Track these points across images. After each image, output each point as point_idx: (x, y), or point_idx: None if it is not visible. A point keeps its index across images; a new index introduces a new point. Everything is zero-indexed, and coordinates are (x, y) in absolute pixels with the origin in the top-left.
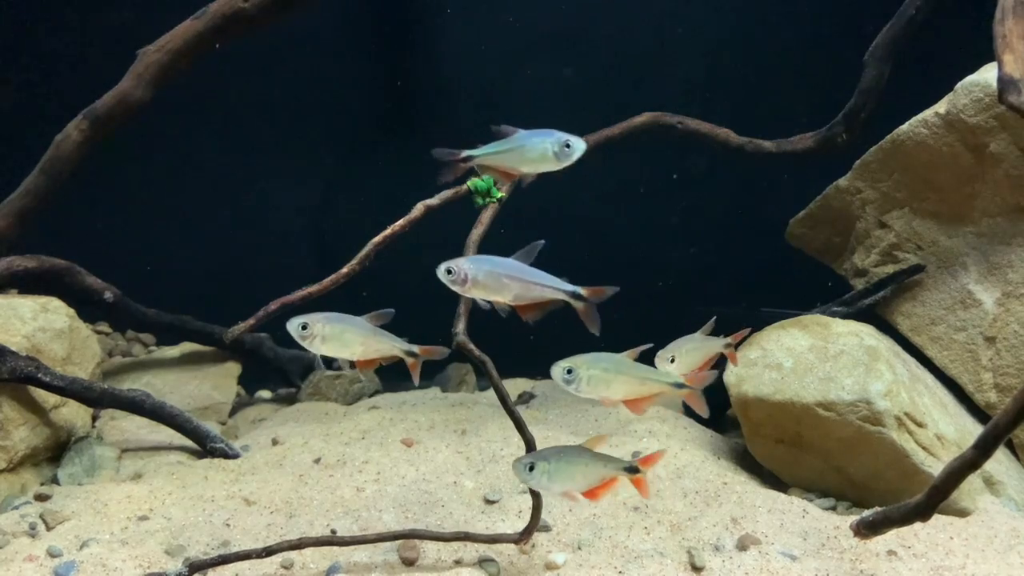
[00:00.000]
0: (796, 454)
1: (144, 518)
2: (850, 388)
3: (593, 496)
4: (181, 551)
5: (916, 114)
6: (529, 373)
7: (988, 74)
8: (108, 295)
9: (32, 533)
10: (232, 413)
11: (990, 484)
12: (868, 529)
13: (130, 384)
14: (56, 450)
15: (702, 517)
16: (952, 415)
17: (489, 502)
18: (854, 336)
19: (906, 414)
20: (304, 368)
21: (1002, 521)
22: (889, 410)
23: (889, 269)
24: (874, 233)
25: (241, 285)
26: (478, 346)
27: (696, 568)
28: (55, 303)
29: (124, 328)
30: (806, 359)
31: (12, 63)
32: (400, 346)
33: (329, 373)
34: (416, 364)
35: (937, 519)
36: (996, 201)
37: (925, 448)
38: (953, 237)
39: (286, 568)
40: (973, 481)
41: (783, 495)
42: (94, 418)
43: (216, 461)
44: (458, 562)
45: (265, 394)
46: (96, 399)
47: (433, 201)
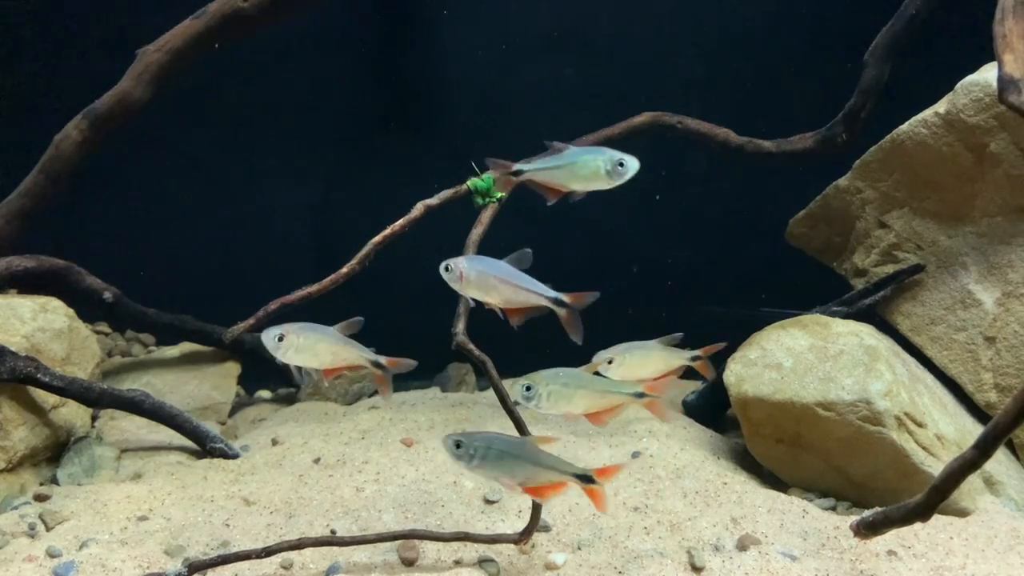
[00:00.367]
0: (796, 454)
1: (143, 518)
2: (850, 388)
3: (539, 495)
4: (180, 551)
5: (916, 114)
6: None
7: (988, 74)
8: (107, 295)
9: (31, 533)
10: (232, 413)
11: (990, 484)
12: (868, 529)
13: (130, 384)
14: (55, 450)
15: (702, 517)
16: (952, 415)
17: (489, 502)
18: (854, 336)
19: (906, 414)
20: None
21: (1002, 521)
22: (889, 410)
23: (889, 269)
24: (874, 233)
25: (241, 285)
26: (478, 346)
27: (696, 568)
28: (54, 303)
29: (123, 328)
30: (806, 359)
31: (12, 63)
32: (368, 357)
33: None
34: (383, 377)
35: (937, 519)
36: (996, 201)
37: (925, 448)
38: (953, 237)
39: (286, 568)
40: (973, 481)
41: (783, 495)
42: (93, 418)
43: (216, 461)
44: (458, 562)
45: (265, 394)
46: (95, 399)
47: (433, 201)
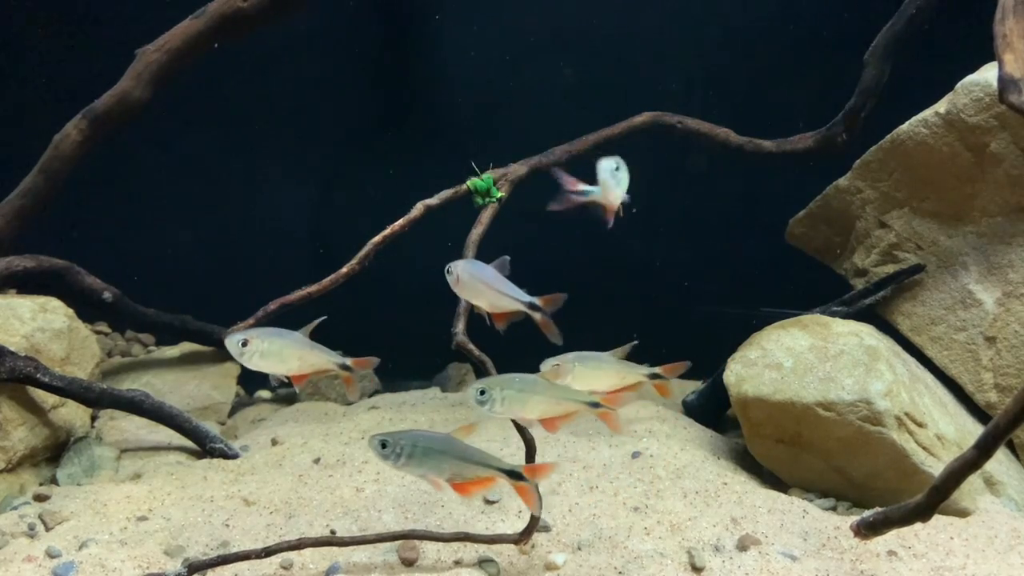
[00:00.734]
0: (796, 454)
1: (143, 518)
2: (850, 388)
3: (464, 491)
4: (180, 551)
5: (916, 114)
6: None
7: (988, 74)
8: (107, 295)
9: (31, 533)
10: (231, 413)
11: (990, 484)
12: (868, 529)
13: (129, 384)
14: (55, 450)
15: (702, 517)
16: (952, 415)
17: (489, 502)
18: (854, 336)
19: (906, 414)
20: None
21: (1002, 521)
22: (889, 410)
23: (889, 269)
24: (874, 233)
25: (241, 285)
26: (478, 346)
27: (696, 568)
28: (54, 303)
29: (123, 328)
30: (806, 359)
31: (12, 63)
32: (335, 360)
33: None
34: (351, 378)
35: (937, 519)
36: (996, 201)
37: (925, 448)
38: (953, 237)
39: (285, 568)
40: (973, 481)
41: (783, 495)
42: (93, 418)
43: (215, 461)
44: (458, 562)
45: (264, 394)
46: (95, 399)
47: (433, 201)
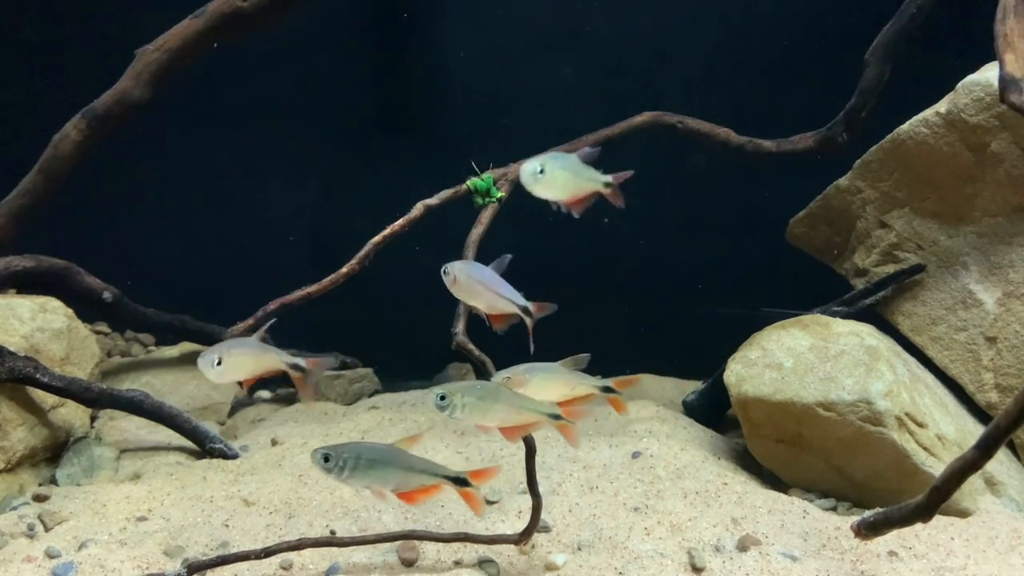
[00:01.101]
0: (796, 454)
1: (143, 519)
2: (851, 388)
3: (410, 500)
4: (180, 552)
5: (917, 113)
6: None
7: (989, 73)
8: (107, 295)
9: (30, 534)
10: (231, 413)
11: (991, 485)
12: (869, 530)
13: (129, 384)
14: (55, 450)
15: (702, 518)
16: (953, 415)
17: (489, 503)
18: (854, 336)
19: (907, 414)
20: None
21: (1003, 522)
22: (890, 410)
23: (889, 269)
24: (874, 233)
25: (241, 285)
26: (478, 346)
27: (696, 569)
28: (53, 303)
29: (123, 328)
30: (806, 359)
31: (12, 63)
32: (287, 360)
33: (329, 373)
34: (302, 378)
35: (938, 520)
36: (997, 201)
37: (926, 448)
38: (954, 237)
39: (285, 569)
40: (974, 482)
41: (783, 495)
42: (93, 418)
43: (215, 462)
44: (458, 563)
45: (264, 394)
46: (95, 399)
47: (433, 201)
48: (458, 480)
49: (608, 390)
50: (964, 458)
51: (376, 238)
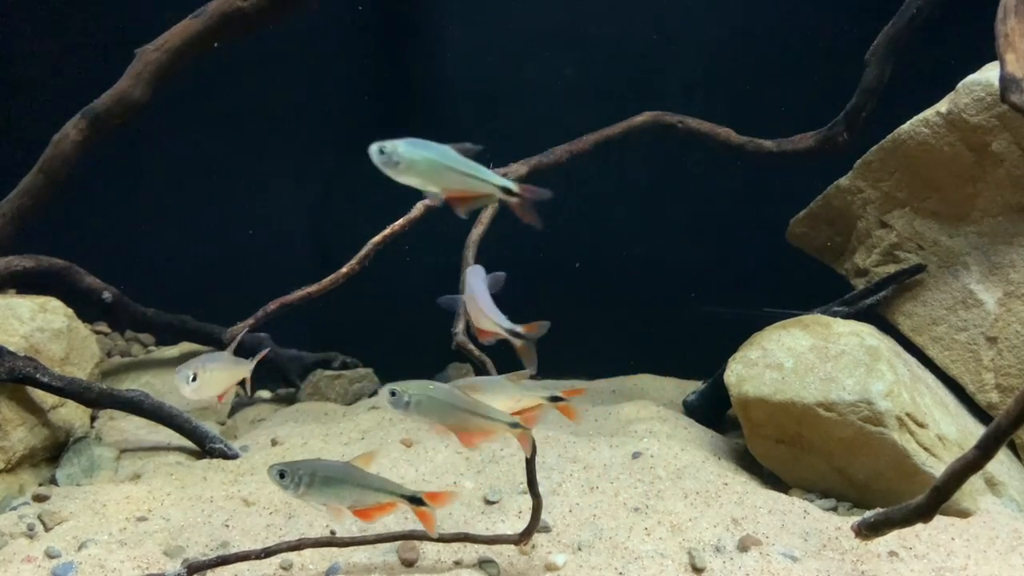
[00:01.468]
0: (797, 454)
1: (143, 519)
2: (851, 388)
3: (366, 517)
4: (180, 552)
5: (917, 113)
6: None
7: (990, 73)
8: (107, 295)
9: (30, 534)
10: (231, 413)
11: (991, 485)
12: (869, 530)
13: (129, 384)
14: (54, 451)
15: (703, 518)
16: (953, 415)
17: (489, 503)
18: (855, 336)
19: (907, 414)
20: (304, 368)
21: (1004, 522)
22: (890, 410)
23: (890, 269)
24: (875, 233)
25: (241, 285)
26: (477, 346)
27: (697, 569)
28: (53, 303)
29: (123, 328)
30: (807, 359)
31: (12, 63)
32: (247, 367)
33: (329, 373)
34: (250, 379)
35: (938, 520)
36: (997, 201)
37: (926, 449)
38: (954, 237)
39: (285, 569)
40: (974, 482)
41: (784, 496)
42: (93, 418)
43: (215, 462)
44: (458, 563)
45: (264, 394)
46: (95, 399)
47: (433, 201)
48: (413, 499)
49: (556, 399)
50: (965, 458)
51: (376, 238)
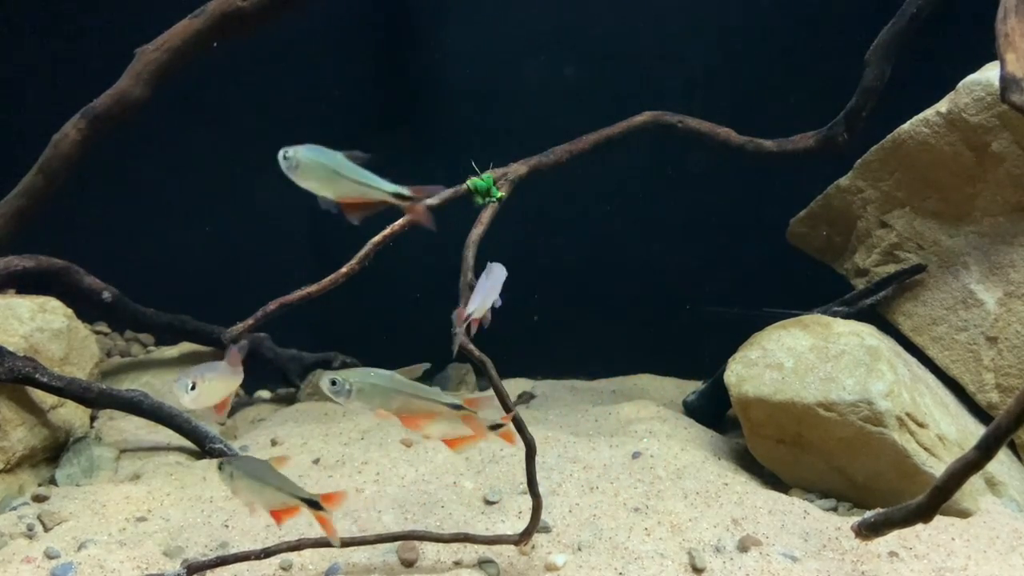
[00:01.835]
0: (797, 454)
1: (142, 519)
2: (851, 388)
3: (278, 518)
4: (179, 552)
5: (917, 113)
6: (529, 373)
7: (990, 73)
8: (106, 295)
9: (30, 534)
10: (231, 413)
11: (992, 485)
12: (869, 530)
13: (128, 384)
14: (54, 451)
15: (703, 518)
16: (953, 415)
17: (489, 503)
18: (855, 336)
19: (907, 414)
20: (303, 368)
21: (1004, 522)
22: (890, 410)
23: (890, 269)
24: (875, 233)
25: (240, 285)
26: (478, 346)
27: (697, 569)
28: (53, 303)
29: (122, 328)
30: (807, 359)
31: (12, 63)
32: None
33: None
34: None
35: (939, 520)
36: (998, 200)
37: (926, 449)
38: (954, 237)
39: (285, 569)
40: (975, 482)
41: (784, 496)
42: (92, 418)
43: (215, 462)
44: (458, 563)
45: (264, 394)
46: (94, 399)
47: (433, 201)
48: (311, 503)
49: (458, 408)
50: (965, 458)
51: (376, 238)
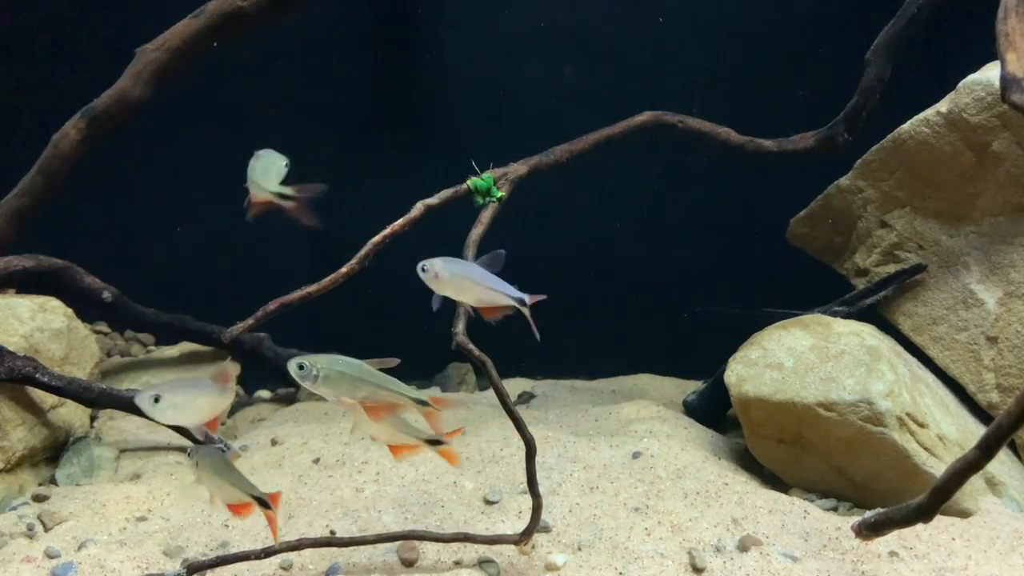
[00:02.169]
0: (797, 454)
1: (142, 519)
2: (851, 388)
3: (237, 512)
4: (179, 552)
5: (917, 113)
6: (529, 373)
7: (990, 73)
8: (106, 295)
9: (30, 534)
10: (231, 413)
11: (992, 485)
12: (870, 530)
13: (129, 384)
14: (54, 450)
15: (703, 518)
16: (954, 415)
17: (489, 503)
18: (855, 336)
19: (908, 414)
20: None
21: (1004, 522)
22: (891, 410)
23: (890, 269)
24: (875, 232)
25: (241, 285)
26: (478, 346)
27: (697, 569)
28: (53, 303)
29: (123, 328)
30: (807, 359)
31: (12, 63)
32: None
33: None
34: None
35: (939, 520)
36: (998, 200)
37: (927, 449)
38: (955, 236)
39: (285, 569)
40: (975, 482)
41: (784, 496)
42: (92, 418)
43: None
44: (458, 563)
45: (264, 394)
46: (94, 399)
47: (432, 200)
48: (261, 501)
49: (423, 403)
50: (965, 458)
51: (376, 238)
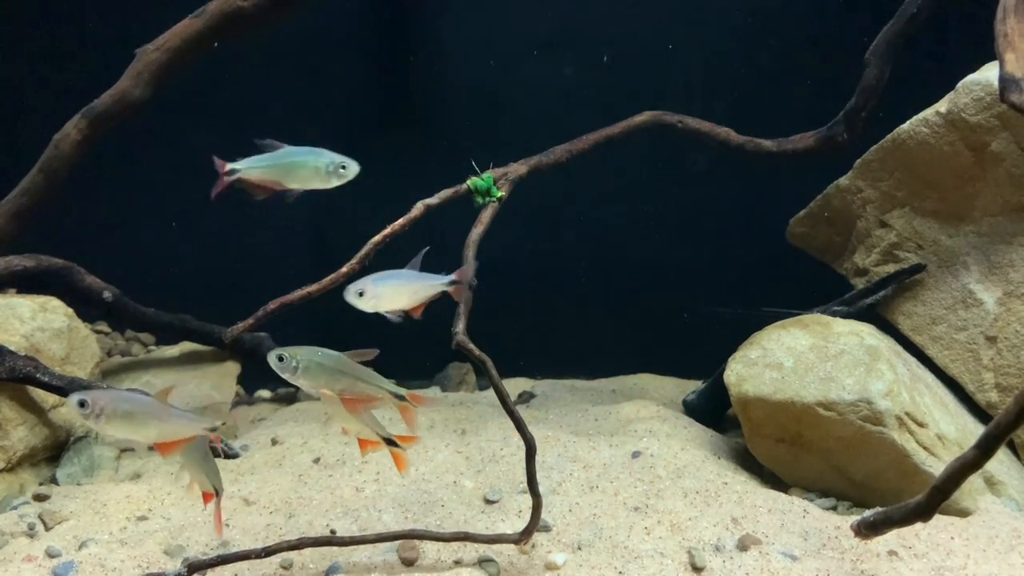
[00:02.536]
0: (796, 454)
1: (143, 518)
2: (851, 388)
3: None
4: (180, 551)
5: (917, 113)
6: (529, 373)
7: (989, 73)
8: (107, 295)
9: (31, 533)
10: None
11: (991, 484)
12: (869, 529)
13: (129, 384)
14: (55, 450)
15: (702, 517)
16: (953, 415)
17: (489, 502)
18: (855, 335)
19: (907, 414)
20: None
21: (1003, 521)
22: (890, 410)
23: (890, 268)
24: (875, 232)
25: (241, 285)
26: (478, 346)
27: (696, 568)
28: (54, 303)
29: (123, 328)
30: (807, 358)
31: (12, 63)
32: (201, 425)
33: None
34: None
35: (938, 519)
36: (997, 200)
37: (926, 448)
38: (954, 236)
39: (285, 568)
40: (974, 481)
41: (784, 495)
42: None
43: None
44: (458, 562)
45: (265, 394)
46: None
47: (432, 200)
48: (217, 493)
49: (400, 398)
50: (964, 458)
51: (376, 238)
